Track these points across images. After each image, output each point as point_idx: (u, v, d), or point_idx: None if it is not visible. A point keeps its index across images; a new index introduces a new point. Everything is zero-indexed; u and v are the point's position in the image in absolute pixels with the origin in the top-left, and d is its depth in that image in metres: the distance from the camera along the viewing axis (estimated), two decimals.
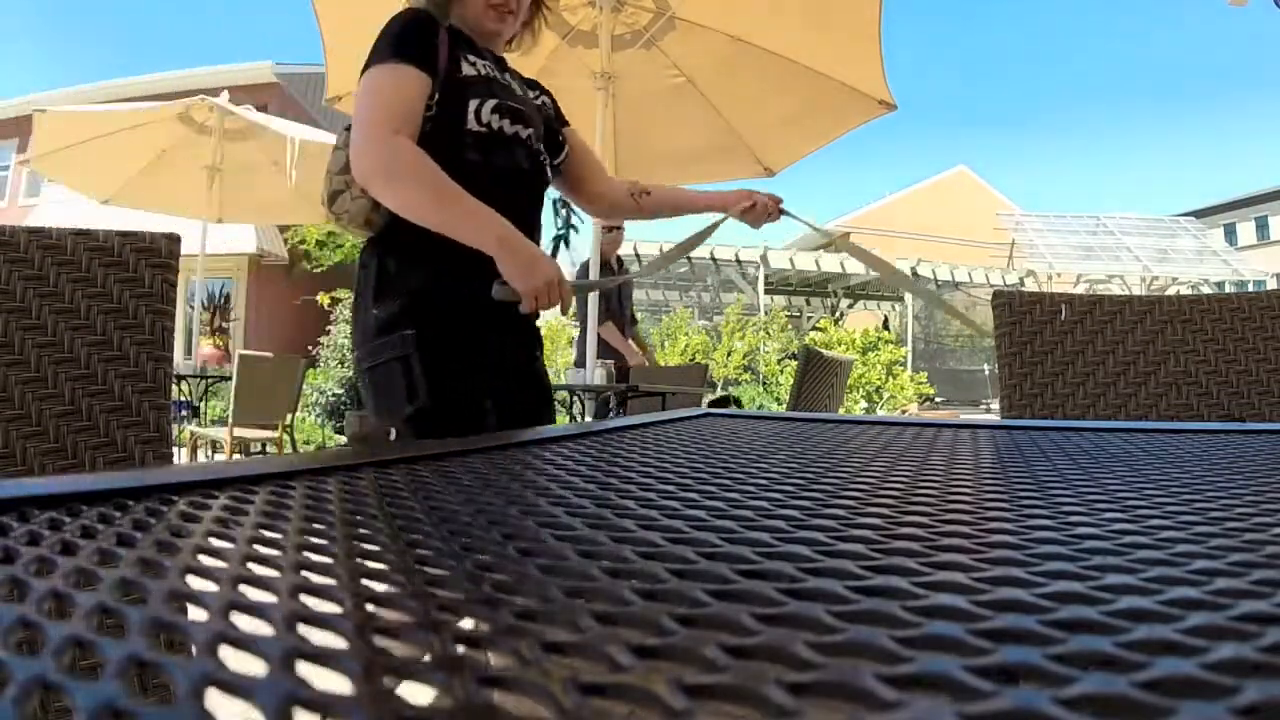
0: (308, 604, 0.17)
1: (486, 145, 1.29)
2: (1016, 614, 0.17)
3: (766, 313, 11.66)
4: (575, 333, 11.13)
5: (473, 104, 1.28)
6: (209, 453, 5.02)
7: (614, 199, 1.59)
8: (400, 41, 1.25)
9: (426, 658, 0.14)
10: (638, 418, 0.73)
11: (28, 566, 0.20)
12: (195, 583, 0.19)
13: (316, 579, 0.19)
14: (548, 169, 1.45)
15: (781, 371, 10.33)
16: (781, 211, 1.56)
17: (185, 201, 5.73)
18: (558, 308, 1.24)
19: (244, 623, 0.16)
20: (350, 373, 8.11)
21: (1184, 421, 1.20)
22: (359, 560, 0.22)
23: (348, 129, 1.31)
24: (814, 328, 11.81)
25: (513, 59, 1.49)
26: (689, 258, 12.15)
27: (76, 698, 0.12)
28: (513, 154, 1.33)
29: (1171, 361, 1.25)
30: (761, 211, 1.53)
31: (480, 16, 1.36)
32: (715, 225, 1.60)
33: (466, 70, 1.30)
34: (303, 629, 0.16)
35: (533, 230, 1.38)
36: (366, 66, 1.25)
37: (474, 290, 1.22)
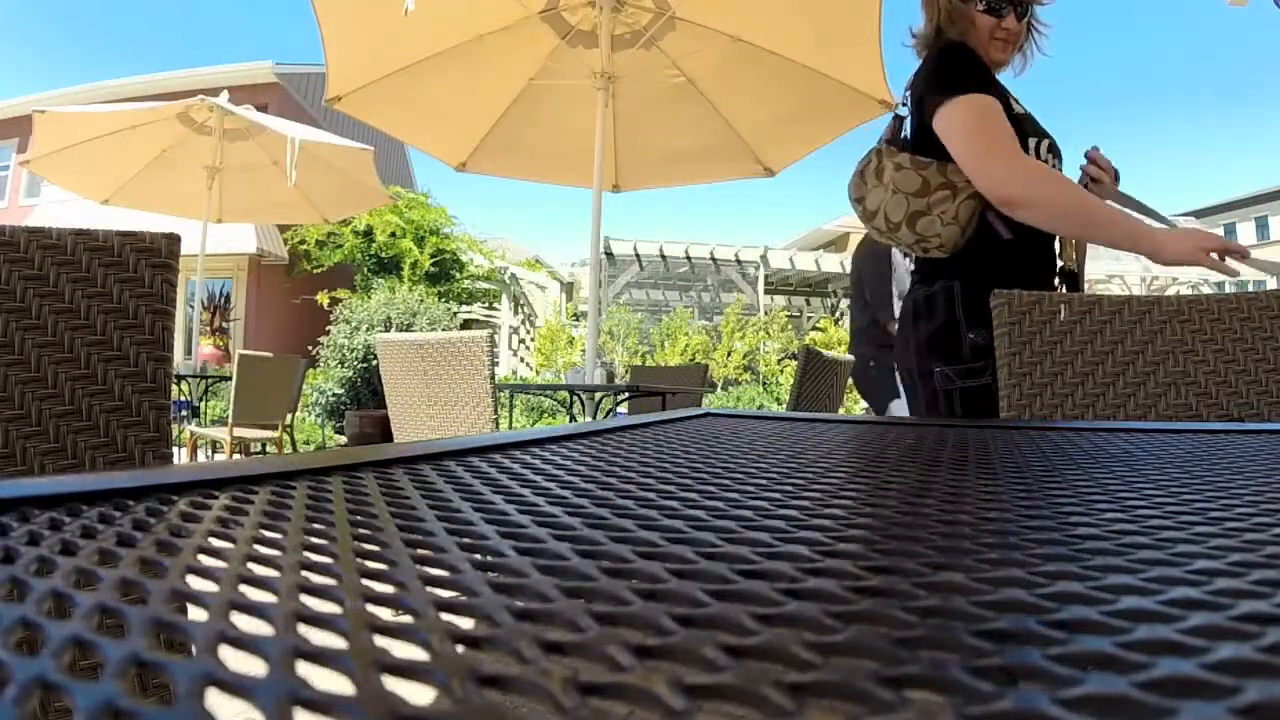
0: (308, 604, 0.17)
1: None
2: (1017, 614, 0.17)
3: (766, 313, 11.64)
4: (574, 332, 11.09)
5: (1032, 141, 1.39)
6: (209, 453, 5.02)
7: None
8: (978, 74, 1.37)
9: (426, 658, 0.14)
10: (638, 417, 0.73)
11: (28, 566, 0.20)
12: (195, 582, 0.19)
13: (316, 579, 0.19)
14: None
15: (781, 371, 10.32)
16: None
17: (185, 201, 5.73)
18: None
19: (244, 623, 0.16)
20: (350, 372, 8.08)
21: (1183, 421, 1.20)
22: (359, 560, 0.22)
23: (877, 151, 1.44)
24: (814, 328, 11.79)
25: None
26: (689, 257, 12.13)
27: (76, 698, 0.12)
28: None
29: (1170, 361, 1.25)
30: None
31: (986, 48, 1.44)
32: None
33: (1016, 108, 1.41)
34: (303, 629, 0.16)
35: (1054, 254, 1.48)
36: (946, 92, 1.37)
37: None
